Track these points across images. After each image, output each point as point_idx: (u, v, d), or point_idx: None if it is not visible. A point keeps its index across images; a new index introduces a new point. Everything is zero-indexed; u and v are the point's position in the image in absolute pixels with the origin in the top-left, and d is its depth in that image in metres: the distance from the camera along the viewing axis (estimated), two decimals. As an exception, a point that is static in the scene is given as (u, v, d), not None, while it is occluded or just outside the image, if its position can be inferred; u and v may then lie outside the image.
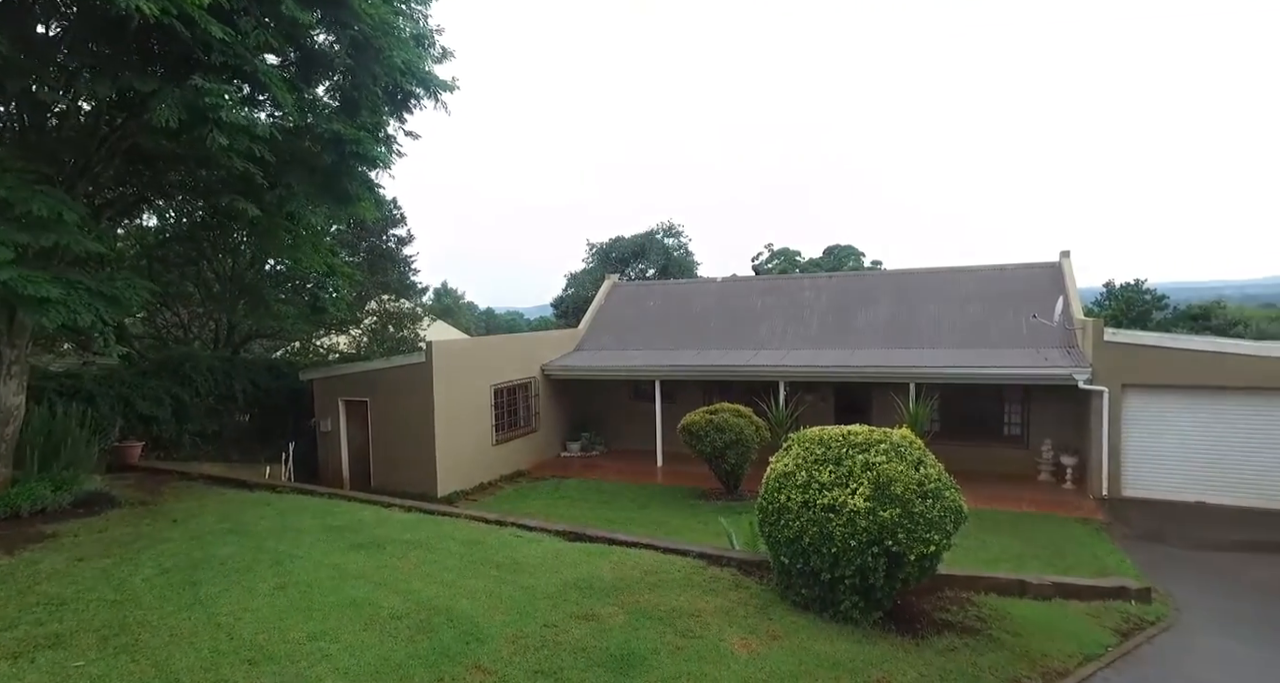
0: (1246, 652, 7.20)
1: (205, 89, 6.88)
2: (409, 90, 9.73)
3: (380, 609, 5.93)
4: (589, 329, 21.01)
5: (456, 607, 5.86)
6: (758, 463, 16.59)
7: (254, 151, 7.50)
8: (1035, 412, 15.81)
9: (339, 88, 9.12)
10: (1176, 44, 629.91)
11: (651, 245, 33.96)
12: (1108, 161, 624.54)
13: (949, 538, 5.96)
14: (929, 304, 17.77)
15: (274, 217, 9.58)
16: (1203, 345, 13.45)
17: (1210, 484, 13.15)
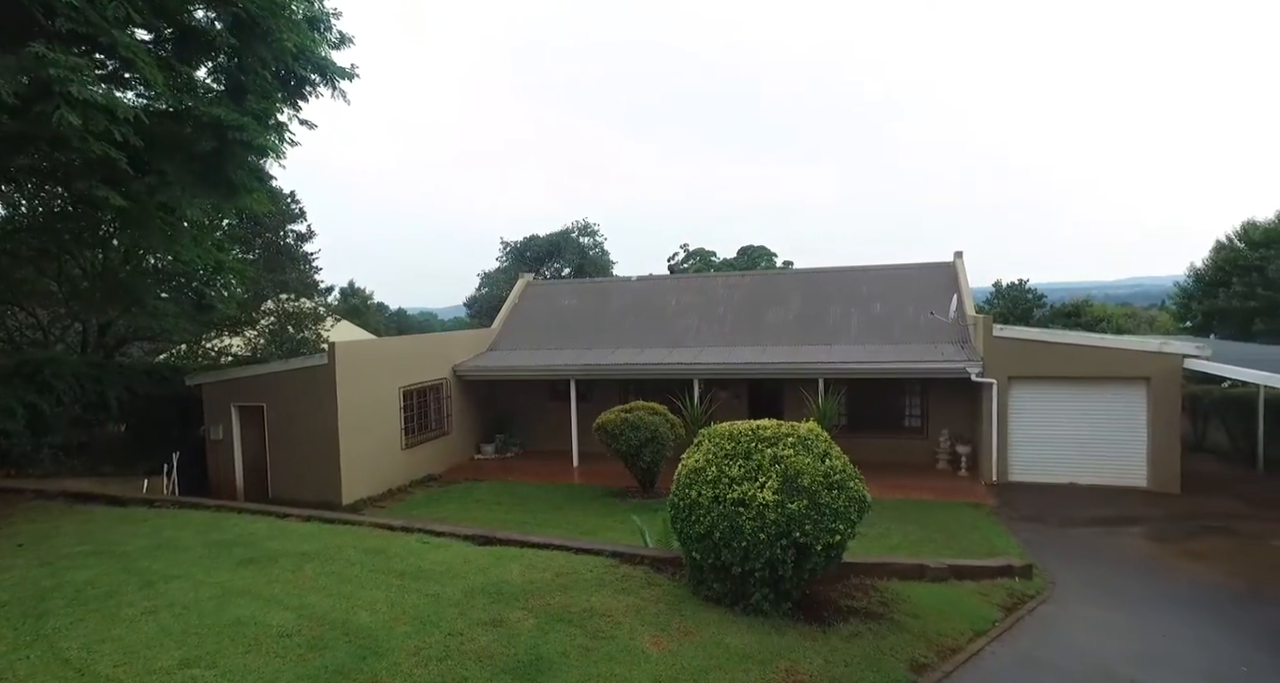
0: (1107, 616, 7.85)
1: (48, 58, 6.15)
2: (304, 76, 9.15)
3: (268, 628, 5.50)
4: (503, 329, 20.57)
5: (354, 620, 5.52)
6: (673, 460, 16.60)
7: (115, 134, 6.77)
8: (933, 404, 16.70)
9: (223, 70, 8.43)
10: (1048, 60, 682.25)
11: (567, 244, 33.69)
12: (996, 170, 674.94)
13: (853, 527, 6.14)
14: (835, 302, 18.45)
15: (145, 206, 8.73)
16: (1075, 340, 14.61)
17: (1079, 467, 14.29)
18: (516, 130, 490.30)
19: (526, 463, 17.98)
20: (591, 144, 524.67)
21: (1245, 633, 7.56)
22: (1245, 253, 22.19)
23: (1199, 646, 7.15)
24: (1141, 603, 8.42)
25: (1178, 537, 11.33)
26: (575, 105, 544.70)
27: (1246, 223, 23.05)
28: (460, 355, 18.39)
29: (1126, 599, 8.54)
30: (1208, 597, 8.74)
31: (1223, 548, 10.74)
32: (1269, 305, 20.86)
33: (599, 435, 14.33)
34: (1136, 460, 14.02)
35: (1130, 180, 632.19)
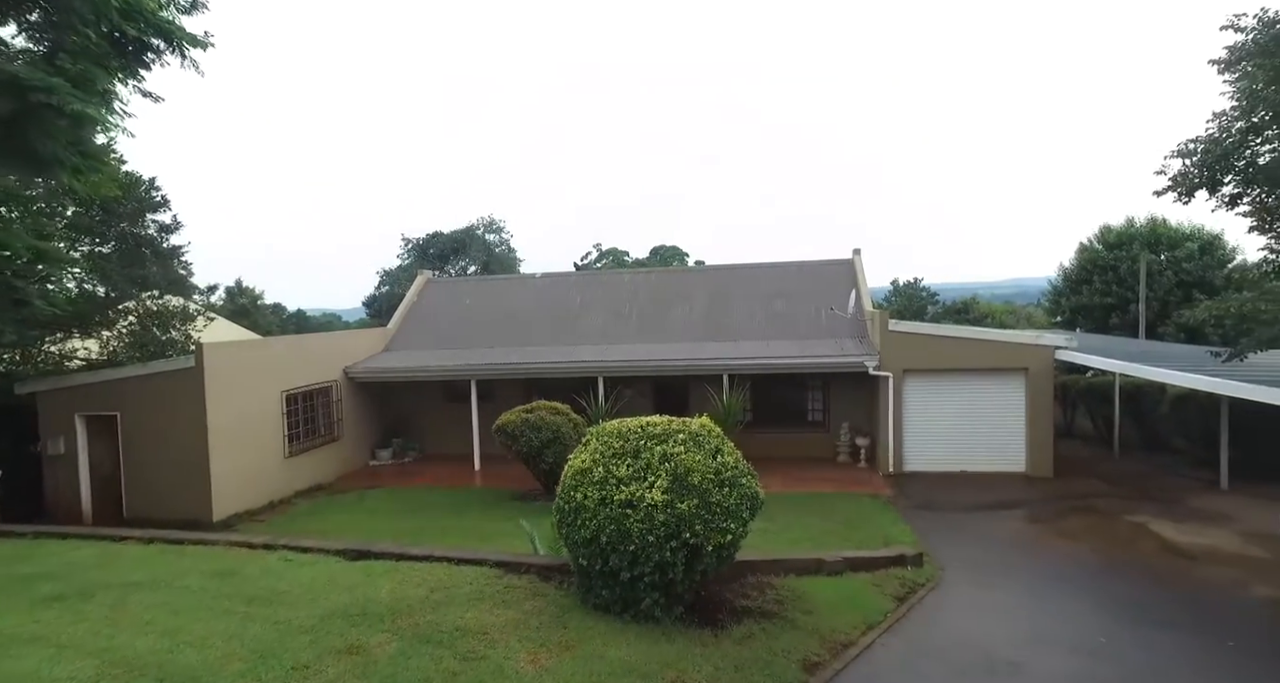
0: (991, 597, 8.15)
1: None
2: (144, 41, 8.09)
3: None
4: (400, 328, 19.50)
5: (175, 661, 4.77)
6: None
7: None
8: (835, 398, 17.06)
9: (36, 27, 7.28)
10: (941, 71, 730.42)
11: (472, 241, 32.56)
12: (896, 174, 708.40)
13: (746, 526, 5.94)
14: (740, 299, 18.56)
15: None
16: (963, 333, 15.27)
17: (968, 455, 14.95)
18: (425, 125, 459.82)
19: (425, 467, 17.08)
20: (503, 140, 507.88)
21: (1104, 606, 8.03)
22: (1102, 254, 24.19)
23: (1066, 621, 7.48)
24: (1020, 582, 8.78)
25: (1051, 517, 11.98)
26: (484, 101, 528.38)
27: (1103, 227, 25.17)
28: (352, 356, 17.24)
29: (1007, 580, 8.88)
30: (1074, 572, 9.25)
31: (1087, 525, 11.45)
32: (1122, 302, 22.80)
33: (498, 437, 13.72)
34: (1016, 447, 14.79)
35: (1013, 188, 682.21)
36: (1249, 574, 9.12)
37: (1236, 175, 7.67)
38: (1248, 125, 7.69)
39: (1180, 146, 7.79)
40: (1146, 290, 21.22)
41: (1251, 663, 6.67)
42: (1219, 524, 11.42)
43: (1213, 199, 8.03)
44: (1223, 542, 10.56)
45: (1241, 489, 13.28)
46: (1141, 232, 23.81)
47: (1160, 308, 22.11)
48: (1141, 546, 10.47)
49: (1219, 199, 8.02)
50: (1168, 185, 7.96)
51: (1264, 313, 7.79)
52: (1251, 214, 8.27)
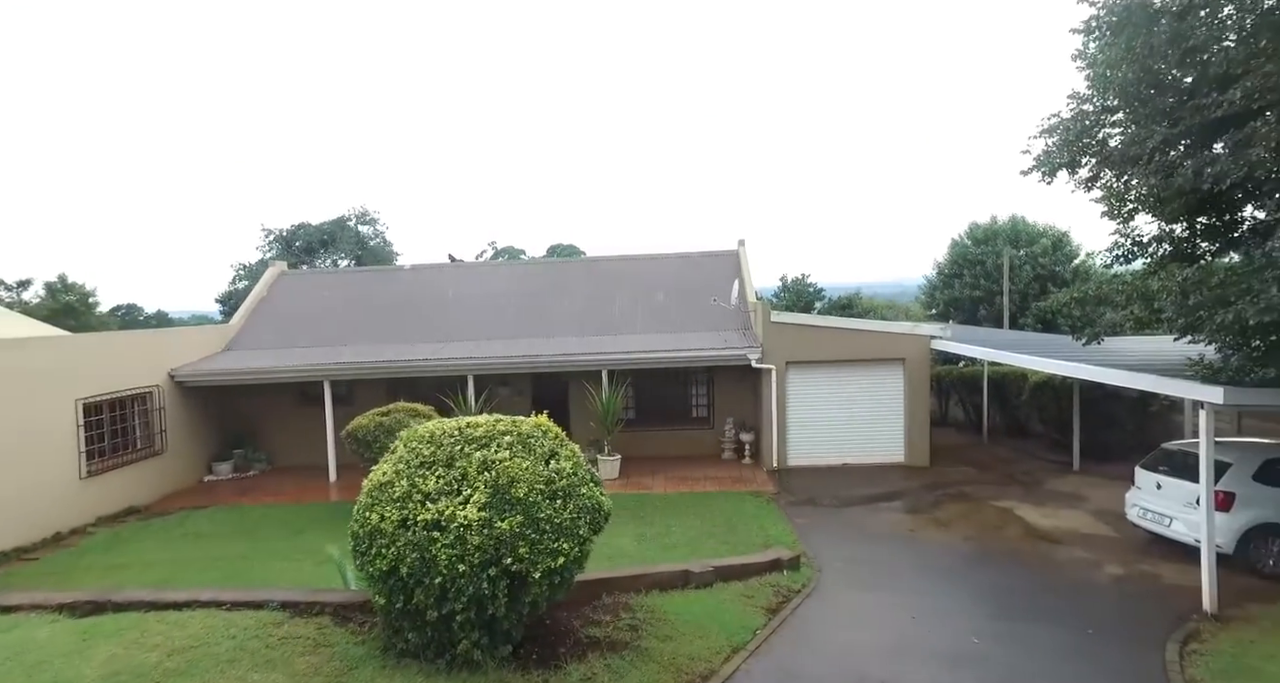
0: (867, 599, 7.73)
1: None
2: None
3: None
4: (245, 325, 17.29)
5: None
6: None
7: None
8: (719, 393, 16.60)
9: None
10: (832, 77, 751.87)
11: (344, 233, 30.01)
12: (790, 178, 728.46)
13: (585, 544, 5.02)
14: (623, 291, 17.78)
15: None
16: (844, 324, 15.18)
17: (850, 447, 14.88)
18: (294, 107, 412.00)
19: (272, 481, 15.14)
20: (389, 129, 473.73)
21: (977, 599, 7.86)
22: (971, 249, 25.50)
23: (941, 621, 7.15)
24: (897, 579, 8.47)
25: (927, 507, 11.96)
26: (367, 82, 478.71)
27: (972, 224, 26.57)
28: (182, 358, 15.00)
29: (884, 577, 8.55)
30: (949, 563, 9.11)
31: (960, 513, 11.50)
32: (989, 294, 24.08)
33: (349, 444, 12.26)
34: (895, 438, 14.85)
35: (899, 193, 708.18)
36: (1101, 554, 9.36)
37: (1092, 156, 7.57)
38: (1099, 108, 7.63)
39: (1043, 124, 7.64)
40: (1009, 284, 22.34)
41: (1109, 649, 6.56)
42: (1073, 505, 11.82)
43: (1072, 180, 7.93)
44: (1078, 523, 10.86)
45: (1090, 470, 13.93)
46: (1004, 228, 25.20)
47: (1021, 300, 23.40)
48: (1009, 531, 10.55)
49: (1077, 181, 7.93)
50: (1032, 165, 7.80)
51: (1116, 296, 7.77)
52: (1102, 199, 8.28)
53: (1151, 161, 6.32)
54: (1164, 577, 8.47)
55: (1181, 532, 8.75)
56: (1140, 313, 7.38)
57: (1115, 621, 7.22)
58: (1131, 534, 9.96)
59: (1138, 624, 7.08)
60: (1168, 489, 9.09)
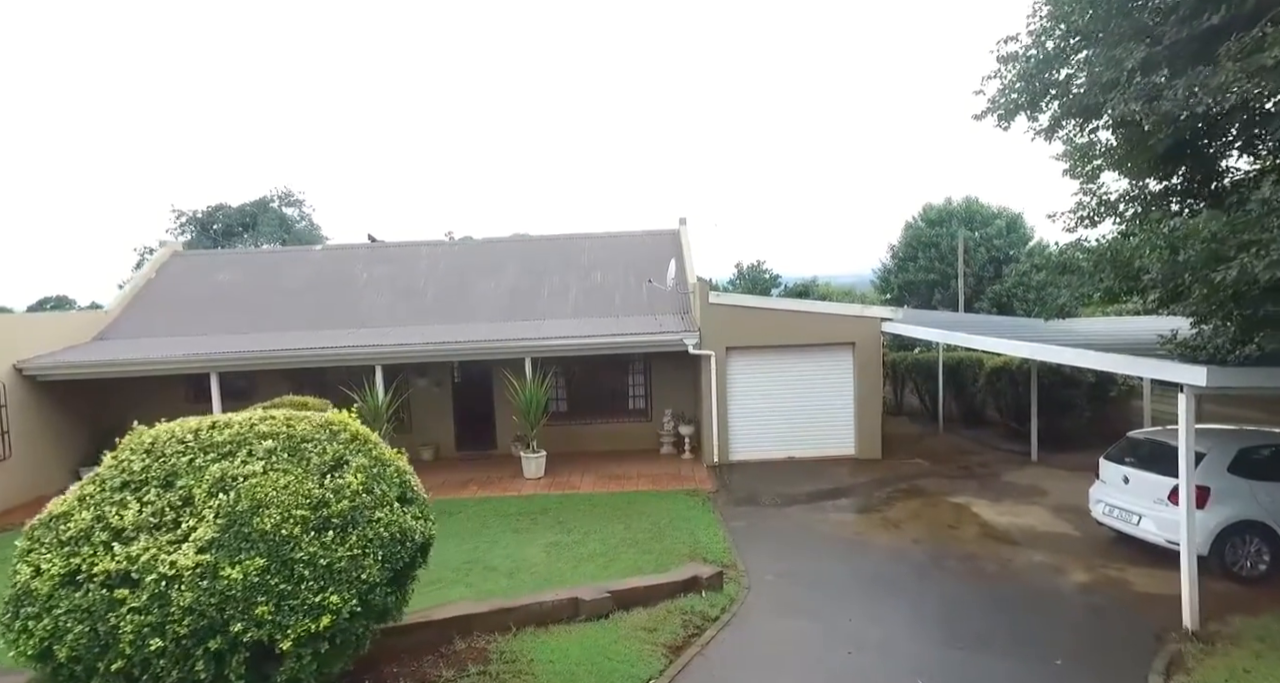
0: (799, 626, 6.52)
1: None
2: None
3: None
4: (126, 311, 15.37)
5: None
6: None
7: None
8: (657, 382, 15.34)
9: None
10: None
11: (266, 215, 27.80)
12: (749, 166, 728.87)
13: (376, 592, 3.62)
14: (554, 273, 16.35)
15: None
16: (787, 305, 14.05)
17: (796, 440, 13.76)
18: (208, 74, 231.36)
19: (152, 489, 13.34)
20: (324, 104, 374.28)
21: (925, 621, 6.73)
22: (925, 231, 24.70)
23: (881, 654, 5.98)
24: (835, 596, 7.28)
25: (877, 505, 10.89)
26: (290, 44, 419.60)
27: (925, 205, 25.79)
28: (35, 347, 13.08)
29: (821, 594, 7.36)
30: (896, 573, 7.99)
31: (912, 511, 10.46)
32: (944, 278, 23.32)
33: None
34: (845, 429, 13.78)
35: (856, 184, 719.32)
36: (1063, 557, 8.35)
37: (1053, 98, 6.43)
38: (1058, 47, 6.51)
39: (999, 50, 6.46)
40: (964, 266, 21.56)
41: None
42: (1032, 500, 10.88)
43: (1031, 127, 6.80)
44: (1037, 520, 9.90)
45: (1049, 460, 13.08)
46: (959, 209, 24.45)
47: (976, 283, 22.68)
48: (964, 531, 9.51)
49: (1036, 129, 6.80)
50: (986, 108, 6.65)
51: (1082, 262, 6.67)
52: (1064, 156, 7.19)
53: (1131, 85, 5.19)
54: (1134, 584, 7.47)
55: (1151, 531, 7.77)
56: (1111, 281, 6.27)
57: (1084, 645, 6.15)
58: (1095, 533, 8.99)
59: (1110, 648, 6.03)
60: (1136, 483, 8.10)
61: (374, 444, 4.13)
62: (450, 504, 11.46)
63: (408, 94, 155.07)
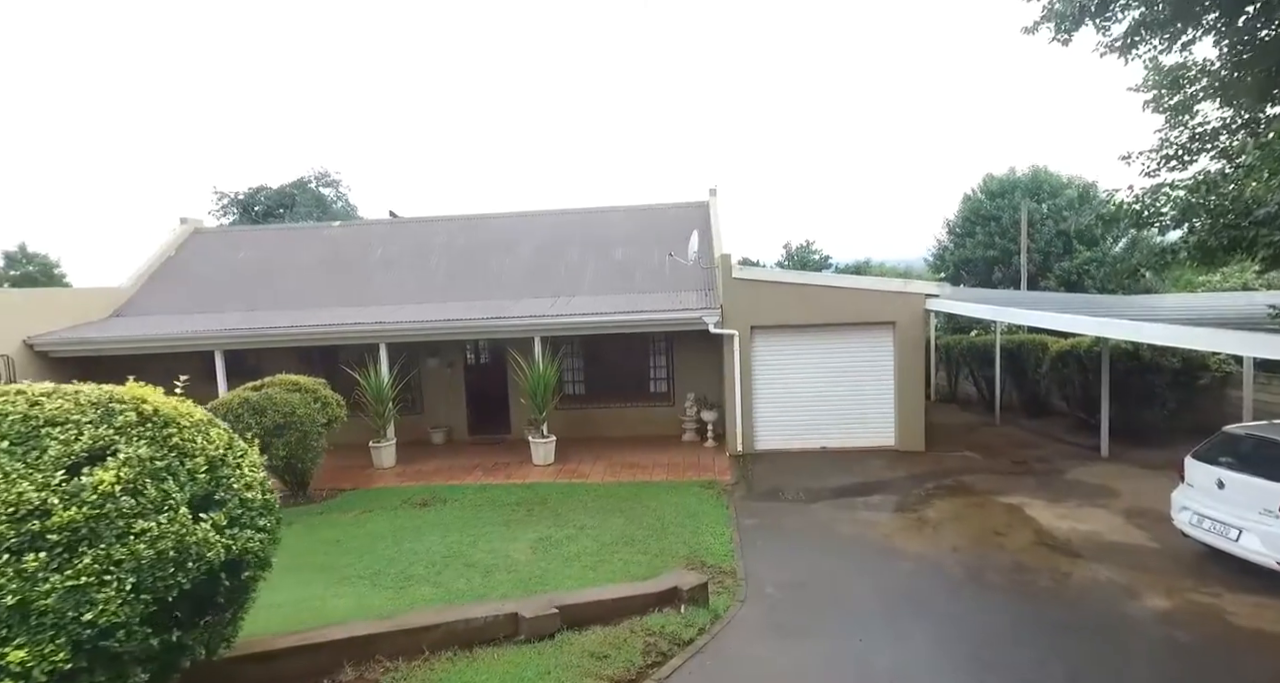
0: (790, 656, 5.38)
1: None
2: None
3: None
4: (144, 288, 15.26)
5: None
6: (349, 449, 12.98)
7: None
8: (679, 364, 14.28)
9: None
10: None
11: (303, 195, 27.87)
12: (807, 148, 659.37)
13: (122, 635, 2.69)
14: (574, 248, 15.42)
15: None
16: (818, 280, 12.71)
17: (829, 428, 12.51)
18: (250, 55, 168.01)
19: (164, 468, 13.16)
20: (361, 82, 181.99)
21: (952, 651, 5.48)
22: (985, 203, 22.58)
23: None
24: (845, 619, 6.10)
25: (914, 503, 9.59)
26: None
27: (986, 176, 23.59)
28: (49, 323, 13.00)
29: (829, 614, 6.20)
30: (926, 591, 6.73)
31: (954, 512, 9.12)
32: (1005, 254, 21.25)
33: (208, 427, 10.12)
34: (884, 417, 12.44)
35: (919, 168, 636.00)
36: (1137, 576, 6.90)
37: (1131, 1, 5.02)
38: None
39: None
40: (1028, 241, 19.54)
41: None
42: (1100, 501, 9.36)
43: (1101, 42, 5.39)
44: (1104, 526, 8.42)
45: (1122, 456, 11.42)
46: (1024, 180, 22.24)
47: (1042, 260, 20.59)
48: (1013, 538, 8.15)
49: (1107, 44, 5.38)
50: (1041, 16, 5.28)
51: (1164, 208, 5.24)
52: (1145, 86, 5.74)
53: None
54: (1233, 615, 6.03)
55: (1256, 549, 6.30)
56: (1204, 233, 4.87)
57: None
58: (1179, 546, 7.51)
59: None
60: (1234, 489, 6.61)
61: (178, 428, 3.31)
62: (448, 491, 10.77)
63: (442, 68, 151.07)
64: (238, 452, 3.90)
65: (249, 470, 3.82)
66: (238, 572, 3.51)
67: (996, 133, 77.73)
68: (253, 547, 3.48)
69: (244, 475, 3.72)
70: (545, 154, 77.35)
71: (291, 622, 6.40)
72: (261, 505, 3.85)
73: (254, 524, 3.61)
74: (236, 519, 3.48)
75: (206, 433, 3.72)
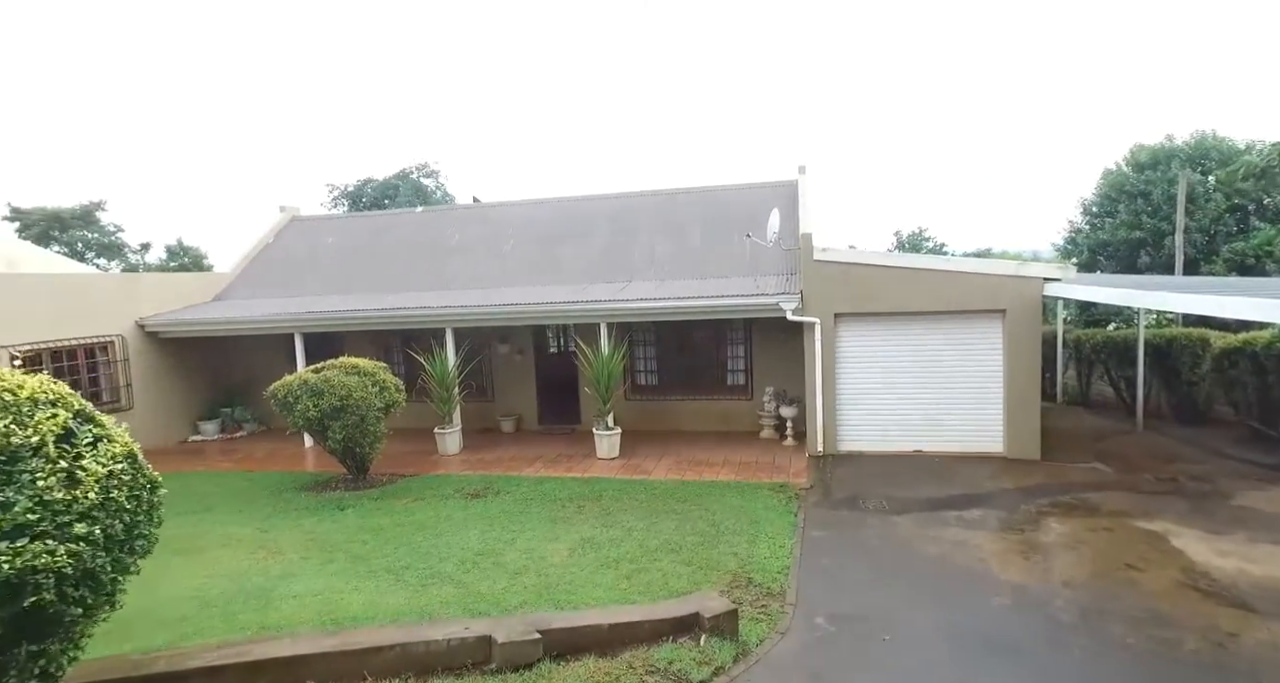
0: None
1: None
2: None
3: None
4: (244, 273, 16.04)
5: None
6: (419, 435, 12.82)
7: None
8: (759, 354, 13.17)
9: None
10: None
11: (405, 186, 28.86)
12: None
13: None
14: (649, 232, 14.64)
15: None
16: (912, 262, 11.14)
17: (925, 430, 11.03)
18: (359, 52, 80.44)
19: (255, 444, 13.79)
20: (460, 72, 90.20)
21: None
22: (1131, 177, 19.39)
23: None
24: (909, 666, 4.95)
25: (1020, 522, 8.09)
26: None
27: (1135, 146, 20.26)
28: (161, 305, 13.85)
29: (890, 660, 5.06)
30: (1022, 634, 5.41)
31: (1072, 536, 7.56)
32: (1155, 235, 18.11)
33: (273, 405, 10.31)
34: (990, 420, 10.79)
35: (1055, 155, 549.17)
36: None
37: None
38: None
39: None
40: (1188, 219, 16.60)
41: None
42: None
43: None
44: (1286, 569, 6.62)
45: (1315, 479, 9.22)
46: (1184, 148, 18.97)
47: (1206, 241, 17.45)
48: (1154, 576, 6.54)
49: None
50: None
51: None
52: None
53: None
54: None
55: None
56: None
57: None
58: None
59: None
60: None
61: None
62: (504, 482, 10.37)
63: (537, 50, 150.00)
64: (85, 439, 3.44)
65: (92, 462, 3.35)
66: (17, 599, 2.90)
67: (1146, 98, 67.97)
68: (55, 563, 2.93)
69: (58, 469, 3.19)
70: (638, 133, 76.90)
71: (291, 617, 6.09)
72: (91, 507, 3.26)
73: (64, 534, 3.11)
74: (25, 527, 2.97)
75: (20, 416, 3.26)
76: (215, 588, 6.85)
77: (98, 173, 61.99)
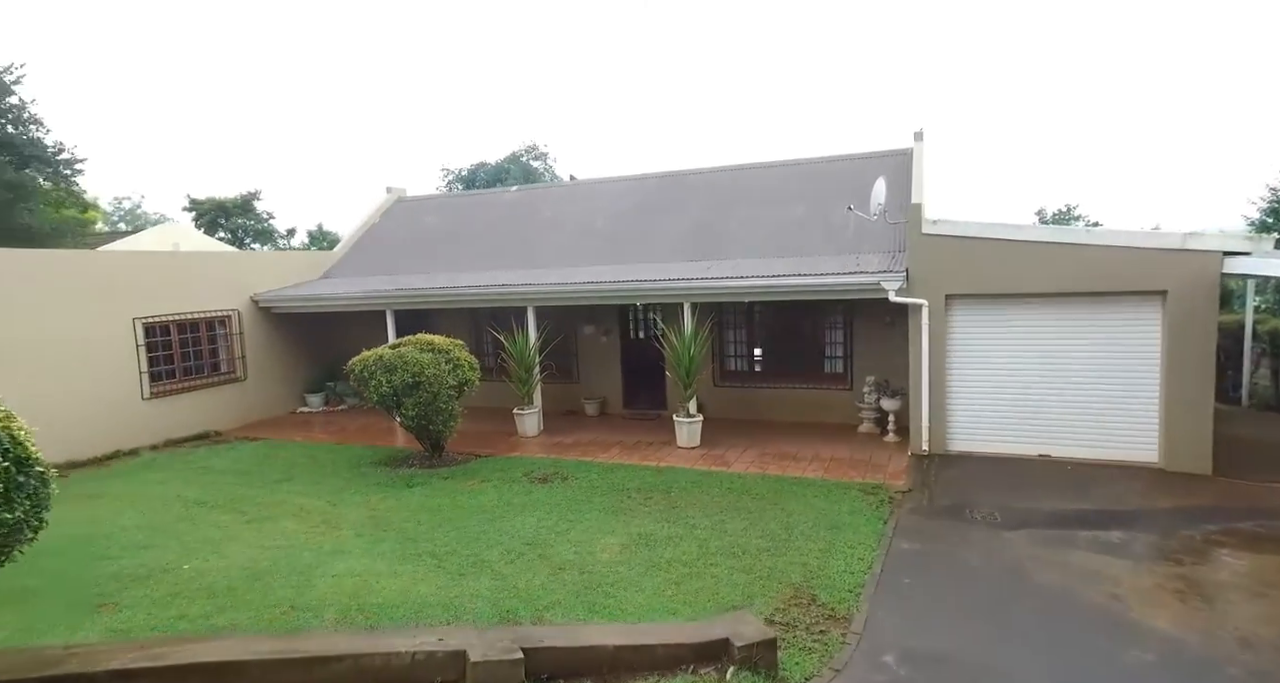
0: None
1: None
2: None
3: None
4: (350, 252, 16.69)
5: None
6: (491, 414, 12.70)
7: None
8: (859, 340, 11.90)
9: None
10: None
11: (516, 168, 29.28)
12: None
13: None
14: (747, 206, 13.60)
15: None
16: (1046, 236, 9.42)
17: (1054, 432, 9.40)
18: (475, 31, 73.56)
19: (352, 418, 14.32)
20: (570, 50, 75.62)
21: None
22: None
23: None
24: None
25: (1178, 551, 6.54)
26: None
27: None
28: (272, 282, 14.65)
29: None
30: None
31: (1252, 575, 5.96)
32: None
33: (352, 381, 10.48)
34: (1143, 423, 8.98)
35: None
36: None
37: None
38: None
39: None
40: None
41: None
42: None
43: None
44: None
45: None
46: None
47: None
48: (1360, 639, 4.96)
49: None
50: None
51: None
52: None
53: None
54: None
55: None
56: None
57: None
58: None
59: None
60: None
61: None
62: (575, 468, 9.95)
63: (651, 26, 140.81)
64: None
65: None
66: None
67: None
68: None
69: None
70: (759, 108, 73.63)
71: (322, 598, 5.93)
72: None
73: None
74: None
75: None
76: (266, 560, 6.87)
77: (257, 164, 68.81)
